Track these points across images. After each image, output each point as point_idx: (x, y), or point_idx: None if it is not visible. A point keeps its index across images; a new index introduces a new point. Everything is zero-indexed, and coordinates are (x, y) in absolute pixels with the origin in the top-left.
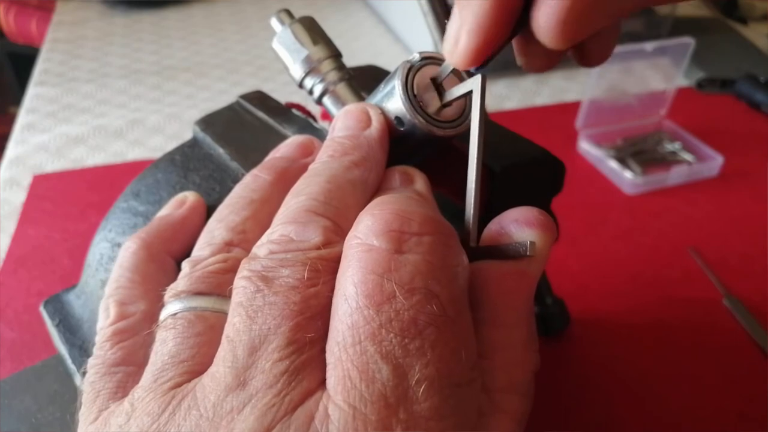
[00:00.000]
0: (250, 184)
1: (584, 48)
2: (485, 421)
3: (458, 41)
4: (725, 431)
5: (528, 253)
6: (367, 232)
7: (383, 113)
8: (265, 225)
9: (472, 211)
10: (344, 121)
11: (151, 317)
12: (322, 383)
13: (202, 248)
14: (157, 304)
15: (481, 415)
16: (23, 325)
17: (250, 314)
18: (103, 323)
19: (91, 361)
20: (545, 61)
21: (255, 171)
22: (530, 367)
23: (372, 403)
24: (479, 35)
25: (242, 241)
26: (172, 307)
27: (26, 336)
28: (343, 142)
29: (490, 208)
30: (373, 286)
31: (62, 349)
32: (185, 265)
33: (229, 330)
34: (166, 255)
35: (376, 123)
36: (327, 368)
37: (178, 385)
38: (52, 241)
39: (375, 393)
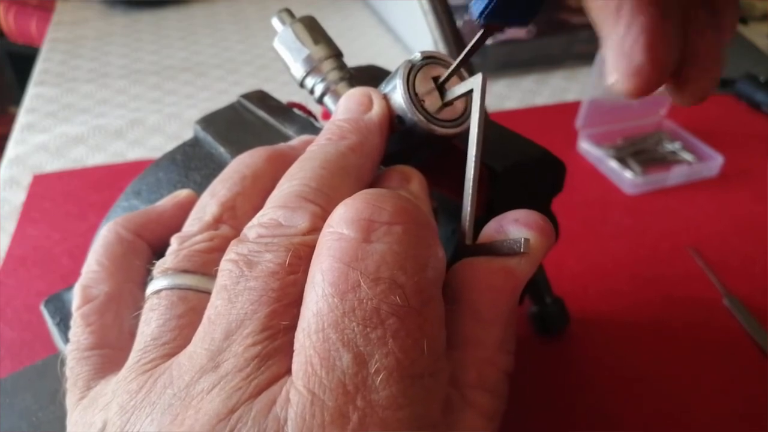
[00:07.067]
0: (245, 159)
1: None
2: (455, 416)
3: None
4: (725, 431)
5: (522, 250)
6: (338, 221)
7: (386, 99)
8: (255, 201)
9: (468, 209)
10: (346, 104)
11: (117, 298)
12: (291, 369)
13: (191, 223)
14: (125, 284)
15: (452, 411)
16: (23, 324)
17: (231, 298)
18: (74, 308)
19: (68, 347)
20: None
21: (254, 149)
22: (502, 367)
23: (331, 389)
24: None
25: (231, 217)
26: (158, 283)
27: (26, 335)
28: (341, 125)
29: (491, 209)
30: (339, 275)
31: (63, 347)
32: (173, 240)
33: (210, 311)
34: (136, 237)
35: (377, 107)
36: (293, 354)
37: (158, 365)
38: (52, 241)
39: (334, 380)
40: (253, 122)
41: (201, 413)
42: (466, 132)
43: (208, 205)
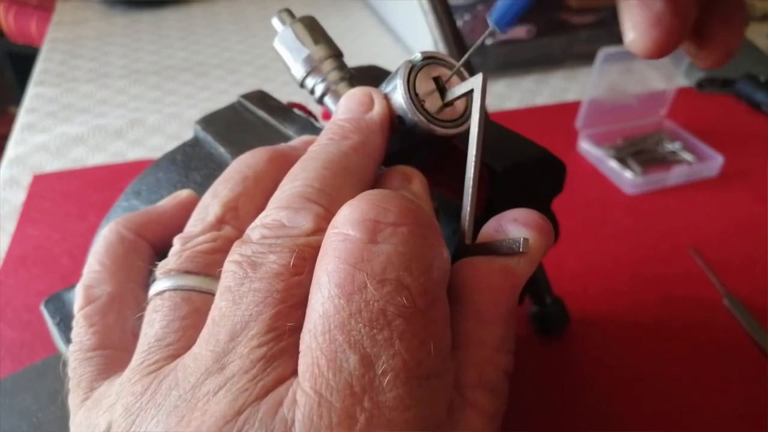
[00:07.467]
0: (247, 159)
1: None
2: (456, 416)
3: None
4: (725, 431)
5: (521, 249)
6: (343, 222)
7: (387, 99)
8: (258, 202)
9: (468, 209)
10: (347, 104)
11: (120, 298)
12: (297, 370)
13: (194, 224)
14: (128, 284)
15: (452, 411)
16: (23, 324)
17: (235, 299)
18: (76, 309)
19: (70, 348)
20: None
21: (255, 149)
22: (502, 367)
23: (338, 391)
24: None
25: (233, 218)
26: (161, 284)
27: (26, 335)
28: (343, 125)
29: (491, 209)
30: (345, 276)
31: (63, 348)
32: (176, 241)
33: (215, 313)
34: (137, 237)
35: (378, 107)
36: (299, 355)
37: (163, 367)
38: (52, 241)
39: (341, 381)
40: (253, 122)
41: (207, 415)
42: (467, 132)
43: (211, 205)
